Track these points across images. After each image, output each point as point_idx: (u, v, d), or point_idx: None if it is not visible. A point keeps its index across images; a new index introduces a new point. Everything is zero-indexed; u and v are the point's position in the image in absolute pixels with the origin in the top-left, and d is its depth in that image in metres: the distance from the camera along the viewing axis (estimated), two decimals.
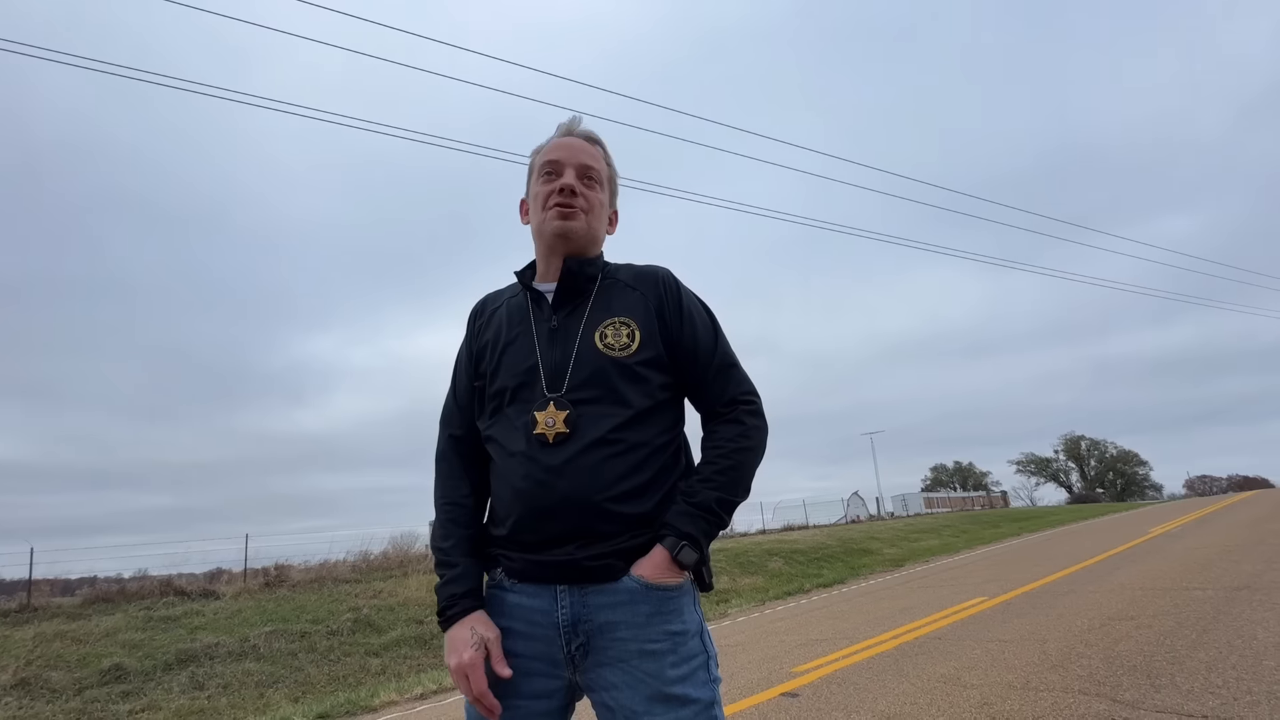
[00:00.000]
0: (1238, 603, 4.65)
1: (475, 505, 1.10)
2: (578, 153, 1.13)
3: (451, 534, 1.08)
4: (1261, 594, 4.87)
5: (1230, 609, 4.47)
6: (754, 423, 1.07)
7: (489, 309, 1.18)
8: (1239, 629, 3.88)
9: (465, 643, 0.97)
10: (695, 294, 1.16)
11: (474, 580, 1.04)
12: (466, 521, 1.09)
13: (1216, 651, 3.47)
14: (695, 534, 0.96)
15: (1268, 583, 5.30)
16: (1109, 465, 64.81)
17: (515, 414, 1.03)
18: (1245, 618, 4.15)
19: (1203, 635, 3.83)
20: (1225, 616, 4.25)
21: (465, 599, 1.02)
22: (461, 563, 1.05)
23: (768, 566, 12.38)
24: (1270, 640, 3.56)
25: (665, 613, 0.94)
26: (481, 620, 1.00)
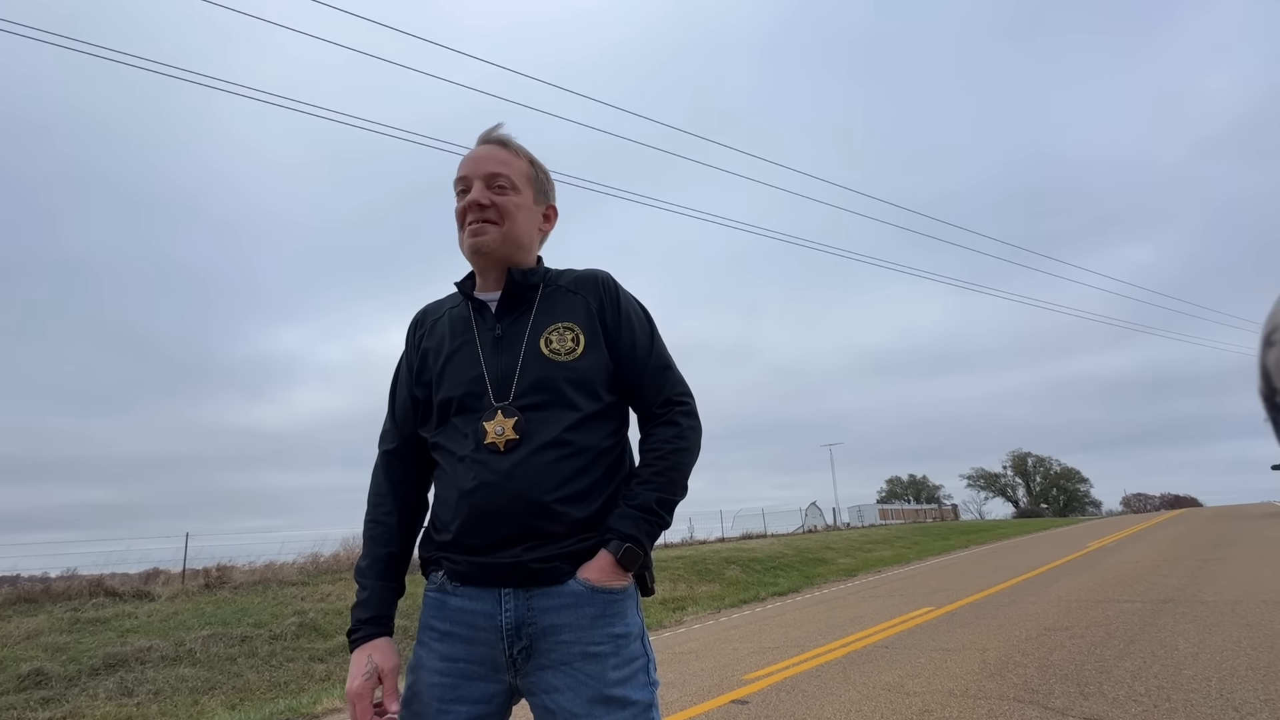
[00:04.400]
0: (1162, 615, 4.90)
1: (400, 523, 1.09)
2: (482, 162, 1.12)
3: (369, 554, 1.08)
4: (1184, 607, 5.14)
5: (1155, 621, 4.71)
6: (688, 423, 1.09)
7: (429, 319, 1.17)
8: (1162, 640, 4.10)
9: (359, 670, 0.97)
10: (634, 296, 1.18)
11: (380, 605, 1.04)
12: (386, 540, 1.08)
13: (1141, 661, 3.65)
14: (638, 535, 0.97)
15: (1189, 596, 5.61)
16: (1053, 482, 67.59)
17: (463, 424, 1.03)
18: (1168, 629, 4.38)
19: (1129, 645, 4.03)
20: (1150, 628, 4.48)
21: (369, 624, 1.02)
22: (373, 585, 1.05)
23: (725, 574, 12.48)
24: (1189, 650, 3.77)
25: (609, 615, 0.95)
26: (381, 649, 1.00)
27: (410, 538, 1.10)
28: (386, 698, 0.98)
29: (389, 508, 1.10)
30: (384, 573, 1.07)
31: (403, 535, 1.09)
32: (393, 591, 1.07)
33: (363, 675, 0.97)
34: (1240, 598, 5.29)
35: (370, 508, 1.12)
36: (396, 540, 1.09)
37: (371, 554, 1.08)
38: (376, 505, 1.11)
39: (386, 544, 1.08)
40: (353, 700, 0.96)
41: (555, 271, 1.18)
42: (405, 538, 1.10)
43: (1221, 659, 3.54)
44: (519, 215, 1.13)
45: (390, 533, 1.09)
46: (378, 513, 1.10)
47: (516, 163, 1.15)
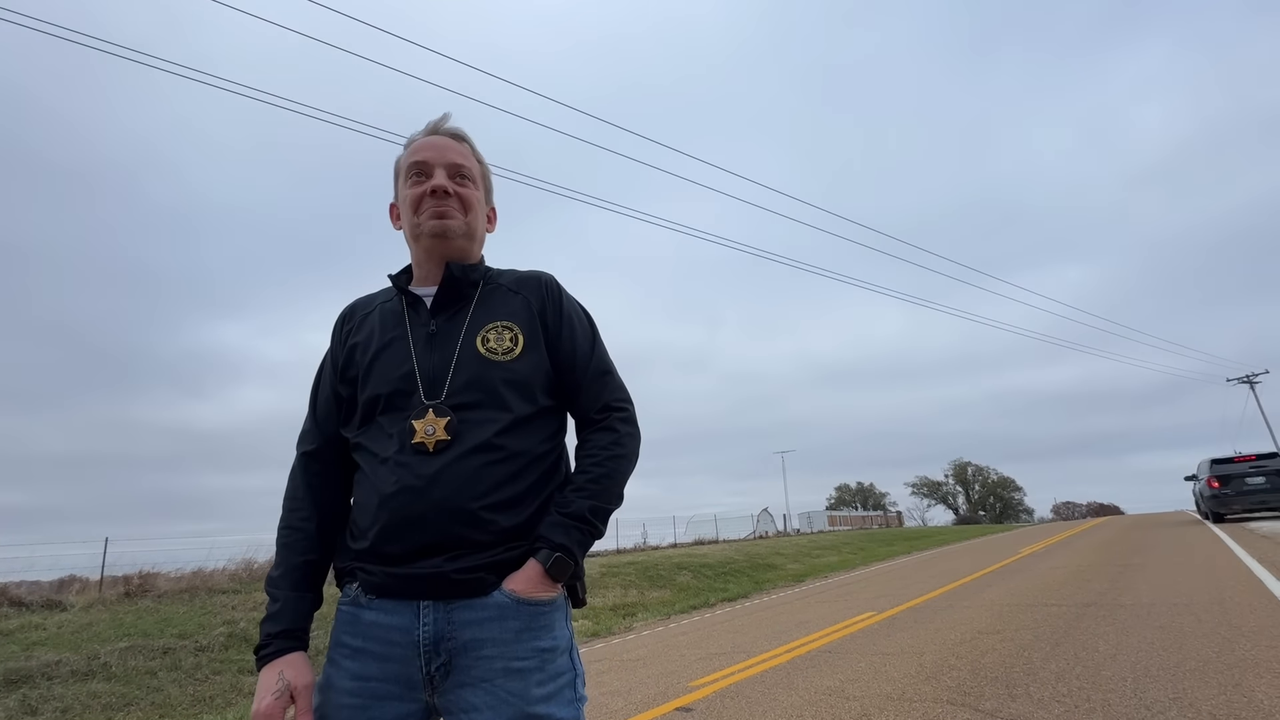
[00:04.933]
0: (1085, 618, 5.17)
1: (318, 529, 1.03)
2: (446, 151, 1.10)
3: (283, 562, 1.01)
4: (1105, 610, 5.43)
5: (1079, 624, 4.96)
6: (627, 430, 1.07)
7: (359, 314, 1.12)
8: (1084, 642, 4.31)
9: (269, 689, 0.90)
10: (576, 300, 1.16)
11: (294, 618, 0.98)
12: (303, 548, 1.02)
13: (1065, 663, 3.83)
14: (569, 545, 0.94)
15: (1110, 600, 5.93)
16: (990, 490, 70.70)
17: (389, 423, 0.98)
18: (1090, 631, 4.62)
19: (1055, 648, 4.22)
20: (1074, 631, 4.71)
21: (280, 639, 0.95)
22: (285, 596, 0.98)
23: (676, 580, 12.51)
24: (1108, 652, 3.98)
25: (535, 629, 0.91)
26: (293, 665, 0.93)
27: (329, 545, 1.04)
28: (299, 717, 0.90)
29: (306, 513, 1.03)
30: (299, 582, 1.00)
31: (321, 542, 1.03)
32: (308, 603, 1.00)
33: (272, 694, 0.89)
34: (1154, 601, 5.63)
35: (286, 513, 1.05)
36: (314, 548, 1.02)
37: (286, 562, 1.01)
38: (293, 510, 1.04)
39: (303, 551, 1.02)
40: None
41: (497, 270, 1.15)
42: (323, 545, 1.03)
43: (1136, 660, 3.74)
44: (478, 210, 1.13)
45: (307, 540, 1.02)
46: (294, 518, 1.04)
47: (472, 159, 1.14)
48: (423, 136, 1.13)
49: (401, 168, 1.13)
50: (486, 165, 1.20)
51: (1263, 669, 3.34)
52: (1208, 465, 15.65)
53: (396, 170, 1.16)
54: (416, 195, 1.08)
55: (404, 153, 1.14)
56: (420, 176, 1.09)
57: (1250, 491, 14.40)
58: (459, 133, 1.15)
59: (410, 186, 1.10)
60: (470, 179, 1.12)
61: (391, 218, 1.18)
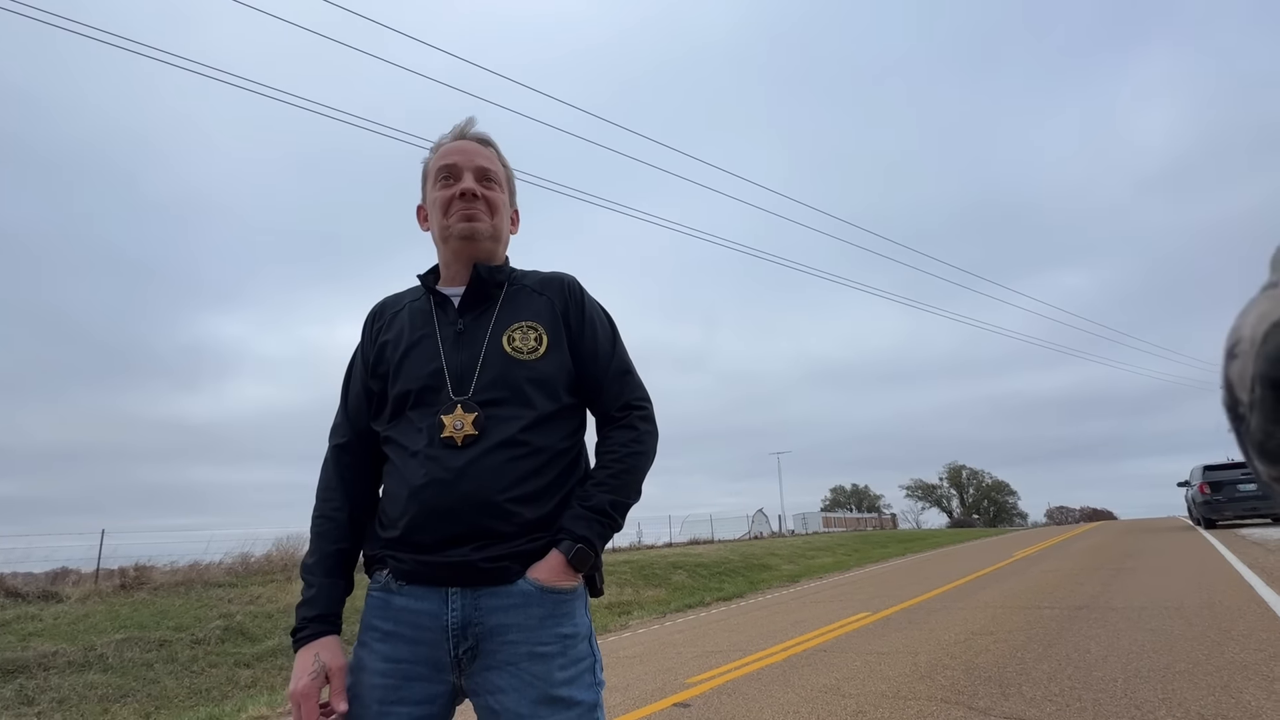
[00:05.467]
0: (1078, 620, 5.23)
1: (350, 519, 1.07)
2: (473, 155, 1.14)
3: (316, 550, 1.06)
4: (1097, 613, 5.50)
5: (1071, 625, 5.02)
6: (646, 428, 1.11)
7: (389, 312, 1.16)
8: (1076, 644, 4.37)
9: (305, 670, 0.95)
10: (597, 301, 1.20)
11: (328, 603, 1.02)
12: (336, 537, 1.06)
13: (1057, 664, 3.88)
14: (590, 537, 0.98)
15: (1102, 603, 6.00)
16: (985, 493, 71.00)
17: (419, 417, 1.02)
18: (1082, 634, 4.68)
19: (1048, 649, 4.28)
20: (1067, 632, 4.77)
21: (316, 623, 1.00)
22: (320, 583, 1.03)
23: (671, 579, 12.56)
24: (1100, 654, 4.04)
25: (558, 616, 0.96)
26: (328, 647, 0.98)
27: (360, 534, 1.08)
28: (334, 697, 0.95)
29: (338, 503, 1.07)
30: (332, 569, 1.04)
31: (352, 531, 1.07)
32: (340, 589, 1.05)
33: (309, 675, 0.94)
34: (1145, 605, 5.69)
35: (319, 503, 1.09)
36: (346, 536, 1.06)
37: (319, 550, 1.05)
38: (326, 500, 1.08)
39: (335, 540, 1.05)
40: (297, 701, 0.92)
41: (521, 271, 1.20)
42: (355, 534, 1.07)
43: (1127, 661, 3.80)
44: (504, 213, 1.18)
45: (340, 528, 1.06)
46: (327, 508, 1.08)
47: (498, 162, 1.19)
48: (450, 140, 1.17)
49: (430, 171, 1.17)
50: (510, 169, 1.24)
51: (1251, 672, 3.40)
52: (1200, 471, 15.77)
53: (425, 173, 1.19)
54: (446, 198, 1.12)
55: (432, 156, 1.18)
56: (449, 179, 1.13)
57: (1242, 498, 14.53)
58: (485, 137, 1.19)
59: (439, 189, 1.13)
60: (496, 182, 1.16)
61: (419, 220, 1.22)
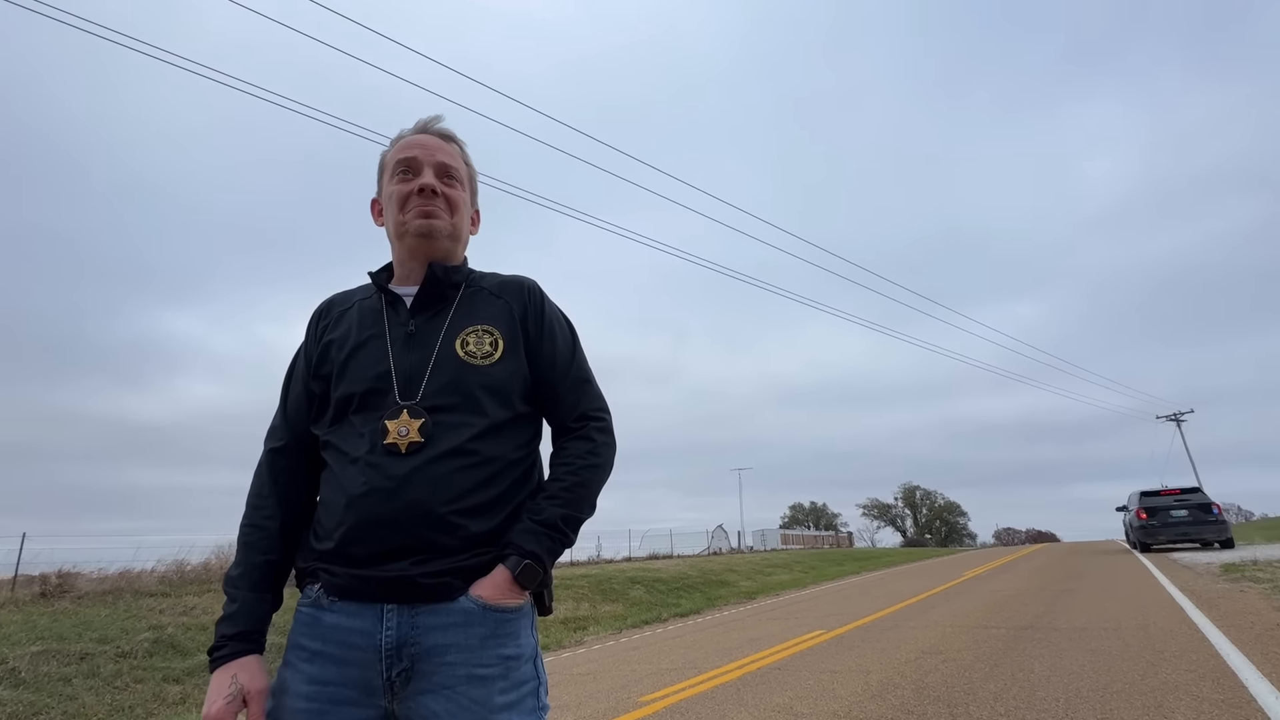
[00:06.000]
0: (1023, 640, 5.36)
1: (282, 529, 1.00)
2: (435, 151, 1.10)
3: (243, 561, 0.98)
4: (1041, 633, 5.65)
5: (1017, 645, 5.14)
6: (603, 440, 1.07)
7: (336, 309, 1.10)
8: (1021, 663, 4.47)
9: (220, 693, 0.88)
10: (559, 307, 1.17)
11: (251, 620, 0.95)
12: (265, 547, 0.99)
13: (1002, 683, 3.97)
14: (539, 552, 0.93)
15: (1046, 624, 6.17)
16: (937, 514, 72.89)
17: (362, 422, 0.96)
18: (1027, 653, 4.80)
19: (994, 669, 4.36)
20: (1012, 652, 4.88)
21: (236, 641, 0.92)
22: (244, 597, 0.95)
23: (629, 594, 12.44)
24: (1044, 674, 4.14)
25: (501, 636, 0.91)
26: (248, 668, 0.91)
27: (292, 545, 1.01)
28: None
29: (270, 510, 1.00)
30: (258, 583, 0.97)
31: (284, 542, 1.00)
32: (267, 604, 0.97)
33: (224, 698, 0.87)
34: (1086, 625, 5.88)
35: (249, 510, 1.02)
36: (276, 547, 0.99)
37: (246, 561, 0.98)
38: (257, 508, 1.01)
39: (264, 551, 0.98)
40: None
41: (479, 273, 1.15)
42: (287, 545, 1.00)
43: (1069, 682, 3.90)
44: (464, 212, 1.13)
45: (270, 538, 0.99)
46: (257, 516, 1.01)
47: (460, 160, 1.15)
48: (412, 134, 1.13)
49: (388, 163, 1.12)
50: (474, 169, 1.20)
51: (1182, 692, 3.53)
52: (1137, 497, 16.51)
53: (382, 166, 1.14)
54: (403, 193, 1.07)
55: (391, 149, 1.13)
56: (408, 173, 1.09)
57: (1174, 523, 15.26)
58: (449, 134, 1.15)
59: (397, 183, 1.09)
60: (458, 180, 1.12)
61: (373, 213, 1.17)
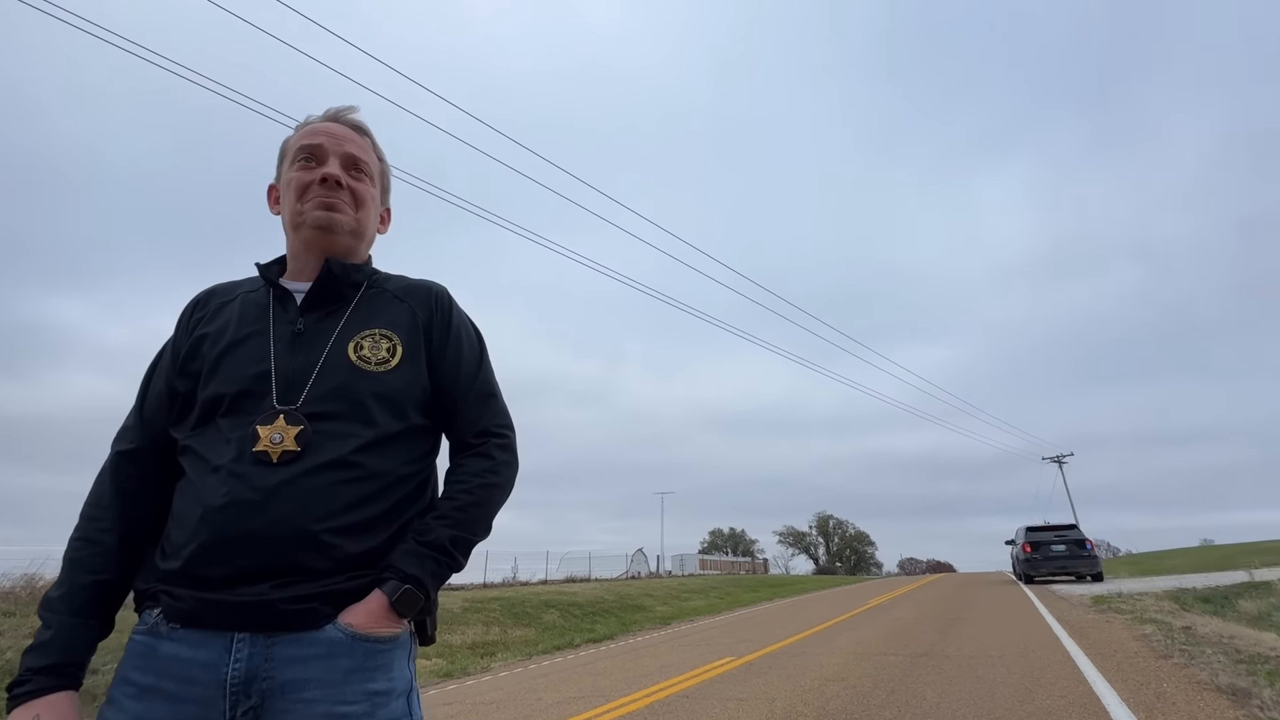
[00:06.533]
0: (918, 667, 5.60)
1: (121, 544, 0.88)
2: (344, 141, 1.04)
3: (66, 581, 0.85)
4: (935, 660, 5.93)
5: (912, 672, 5.36)
6: (504, 458, 1.01)
7: (215, 301, 1.01)
8: (915, 690, 4.66)
9: None
10: (468, 316, 1.11)
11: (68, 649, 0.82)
12: (96, 565, 0.86)
13: (898, 710, 4.11)
14: (421, 576, 0.86)
15: (939, 651, 6.49)
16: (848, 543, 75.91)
17: (230, 426, 0.87)
18: (921, 680, 5.01)
19: (890, 695, 4.52)
20: (908, 679, 5.08)
21: (45, 674, 0.80)
22: (61, 623, 0.83)
23: (542, 619, 12.10)
24: (935, 700, 4.33)
25: (369, 669, 0.82)
26: (55, 707, 0.78)
27: (130, 565, 0.88)
28: None
29: (108, 523, 0.88)
30: (82, 606, 0.84)
31: (121, 560, 0.87)
32: (91, 631, 0.84)
33: None
34: (975, 653, 6.23)
35: (82, 521, 0.89)
36: (110, 566, 0.87)
37: (70, 581, 0.85)
38: (92, 519, 0.89)
39: (94, 569, 0.86)
40: None
41: (385, 275, 1.08)
42: (123, 564, 0.88)
43: (957, 707, 4.10)
44: (371, 209, 1.06)
45: (103, 555, 0.86)
46: (92, 528, 0.88)
47: (372, 154, 1.08)
48: (320, 121, 1.06)
49: (290, 148, 1.05)
50: (387, 164, 1.14)
51: (1054, 718, 3.78)
52: (1024, 532, 17.86)
53: (283, 150, 1.07)
54: (304, 181, 1.00)
55: (295, 134, 1.06)
56: (311, 161, 1.02)
57: (1055, 557, 16.60)
58: (361, 125, 1.08)
59: (297, 169, 1.01)
60: (367, 174, 1.06)
61: (269, 200, 1.09)
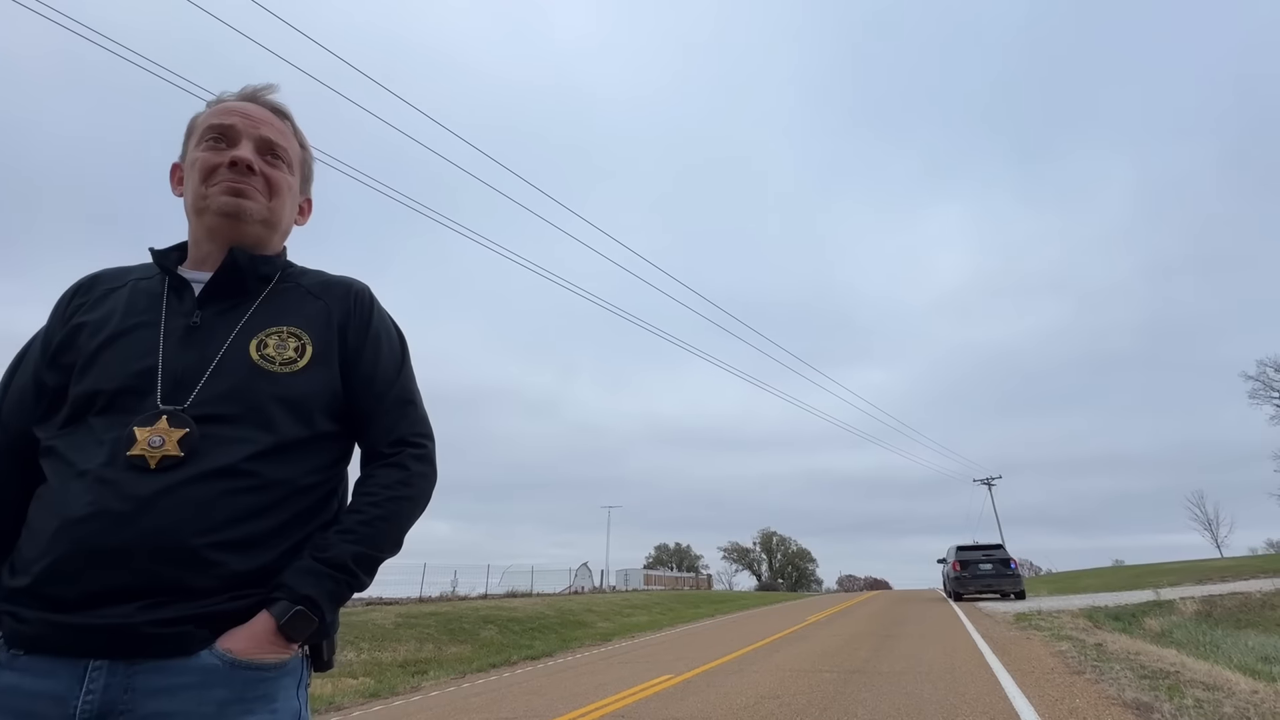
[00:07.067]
0: (851, 684, 5.70)
1: None
2: (260, 123, 0.96)
3: None
4: (867, 677, 6.05)
5: (845, 689, 5.45)
6: (419, 469, 0.95)
7: (100, 287, 0.92)
8: (847, 706, 4.73)
9: None
10: (390, 317, 1.04)
11: None
12: None
13: None
14: (317, 597, 0.78)
15: (872, 668, 6.63)
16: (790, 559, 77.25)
17: (104, 427, 0.78)
18: (853, 697, 5.09)
19: (824, 712, 4.57)
20: (841, 696, 5.16)
21: None
22: None
23: (479, 635, 11.74)
24: (865, 715, 4.40)
25: (249, 699, 0.74)
26: None
27: None
28: None
29: None
30: None
31: None
32: None
33: None
34: (904, 670, 6.39)
35: None
36: None
37: None
38: None
39: None
40: None
41: (300, 269, 1.01)
42: None
43: None
44: (287, 198, 0.99)
45: None
46: None
47: (292, 140, 1.01)
48: (235, 100, 0.98)
49: (198, 126, 0.97)
50: (310, 151, 1.07)
51: None
52: (954, 551, 18.59)
53: (191, 127, 0.98)
54: (210, 163, 0.93)
55: (205, 110, 0.98)
56: (221, 141, 0.94)
57: (982, 575, 17.34)
58: (281, 108, 1.02)
59: (205, 150, 0.93)
60: (285, 161, 0.99)
61: (172, 180, 1.00)
